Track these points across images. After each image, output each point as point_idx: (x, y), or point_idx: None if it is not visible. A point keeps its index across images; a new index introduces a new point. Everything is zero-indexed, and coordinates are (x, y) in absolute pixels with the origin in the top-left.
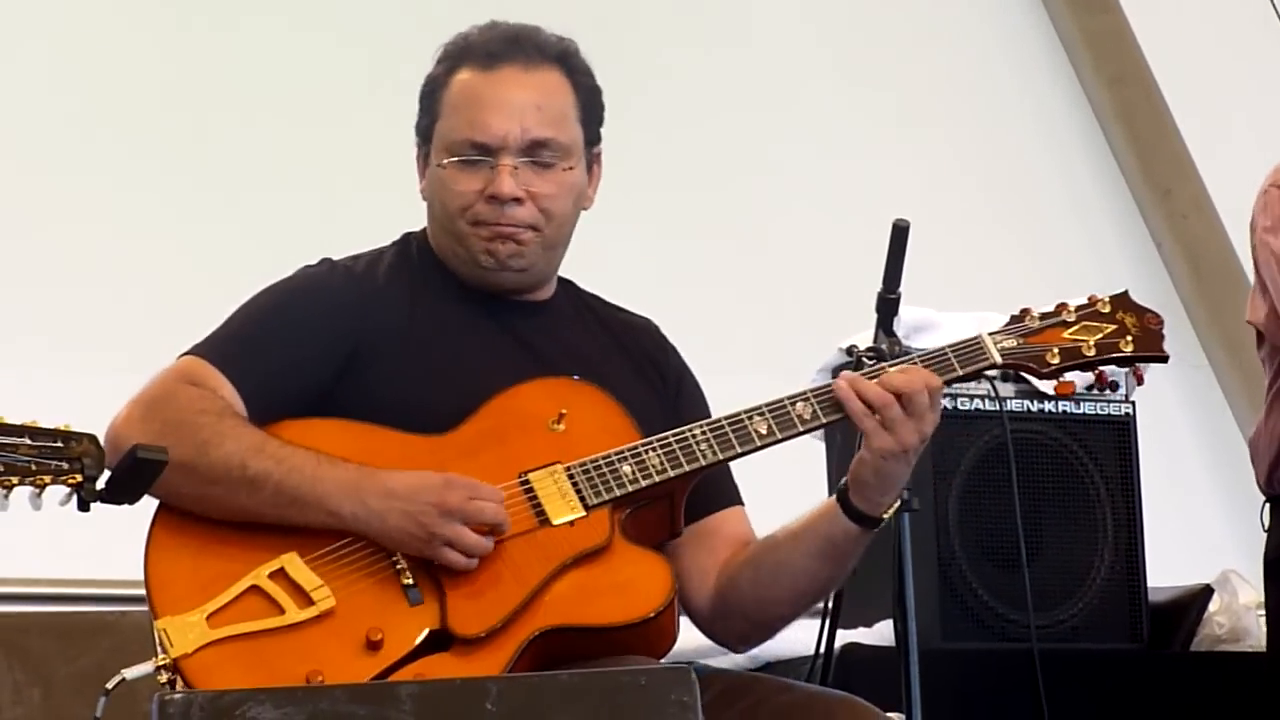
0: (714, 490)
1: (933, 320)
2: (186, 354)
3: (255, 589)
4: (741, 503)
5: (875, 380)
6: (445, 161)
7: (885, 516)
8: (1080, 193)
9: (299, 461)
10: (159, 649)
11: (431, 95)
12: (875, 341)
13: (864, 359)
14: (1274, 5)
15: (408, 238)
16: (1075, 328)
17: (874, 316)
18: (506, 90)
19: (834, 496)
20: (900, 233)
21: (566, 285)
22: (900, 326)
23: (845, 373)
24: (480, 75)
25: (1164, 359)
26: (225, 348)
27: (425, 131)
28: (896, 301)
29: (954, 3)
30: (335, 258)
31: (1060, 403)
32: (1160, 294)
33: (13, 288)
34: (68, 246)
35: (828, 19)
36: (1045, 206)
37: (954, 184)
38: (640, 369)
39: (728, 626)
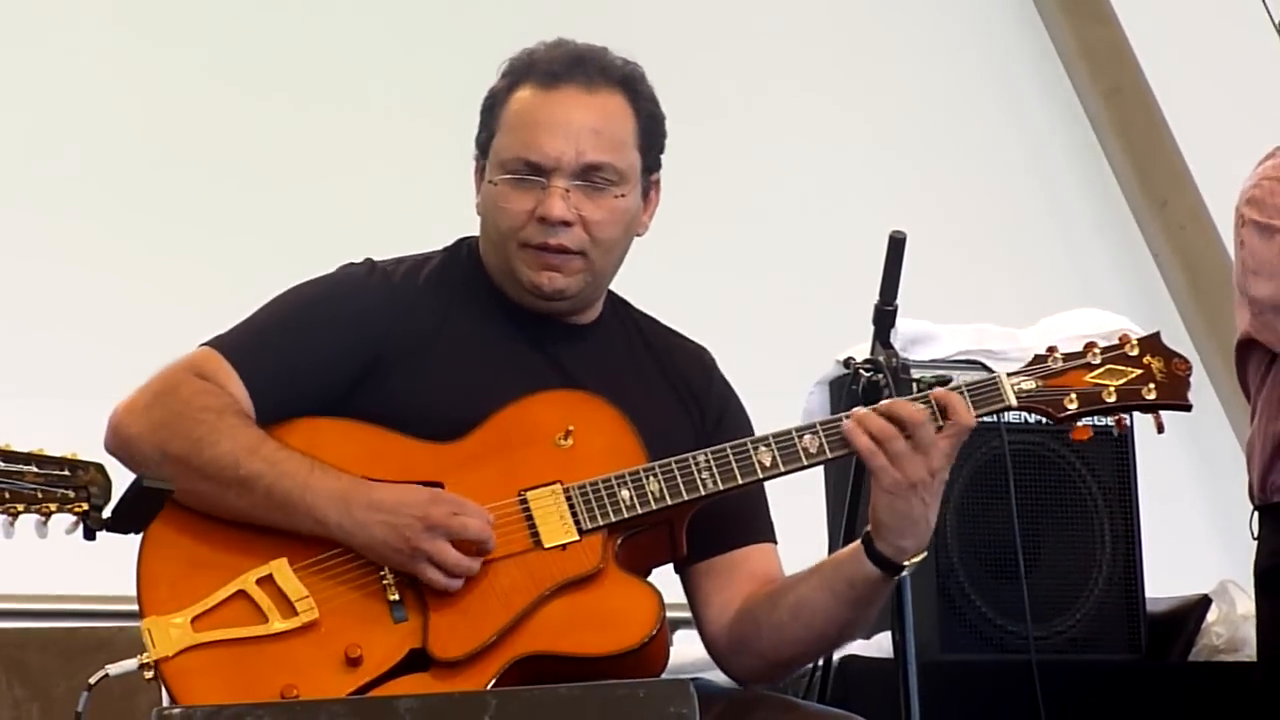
0: (745, 524)
1: (930, 332)
2: (204, 345)
3: (242, 594)
4: (774, 540)
5: (879, 411)
6: (498, 178)
7: (907, 565)
8: (1077, 204)
9: (291, 467)
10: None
11: (491, 110)
12: (872, 354)
13: (861, 370)
14: (1270, 16)
15: (460, 244)
16: (1099, 371)
17: (871, 329)
18: (565, 111)
19: (859, 539)
20: (897, 244)
21: (618, 305)
22: (897, 338)
23: (857, 409)
24: (540, 94)
25: (1187, 408)
26: (242, 343)
27: (483, 146)
28: (894, 313)
29: (951, 15)
30: (378, 259)
31: None
32: (1157, 305)
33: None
34: (66, 264)
35: (822, 32)
36: (1042, 218)
37: (950, 195)
38: (679, 397)
39: (743, 663)
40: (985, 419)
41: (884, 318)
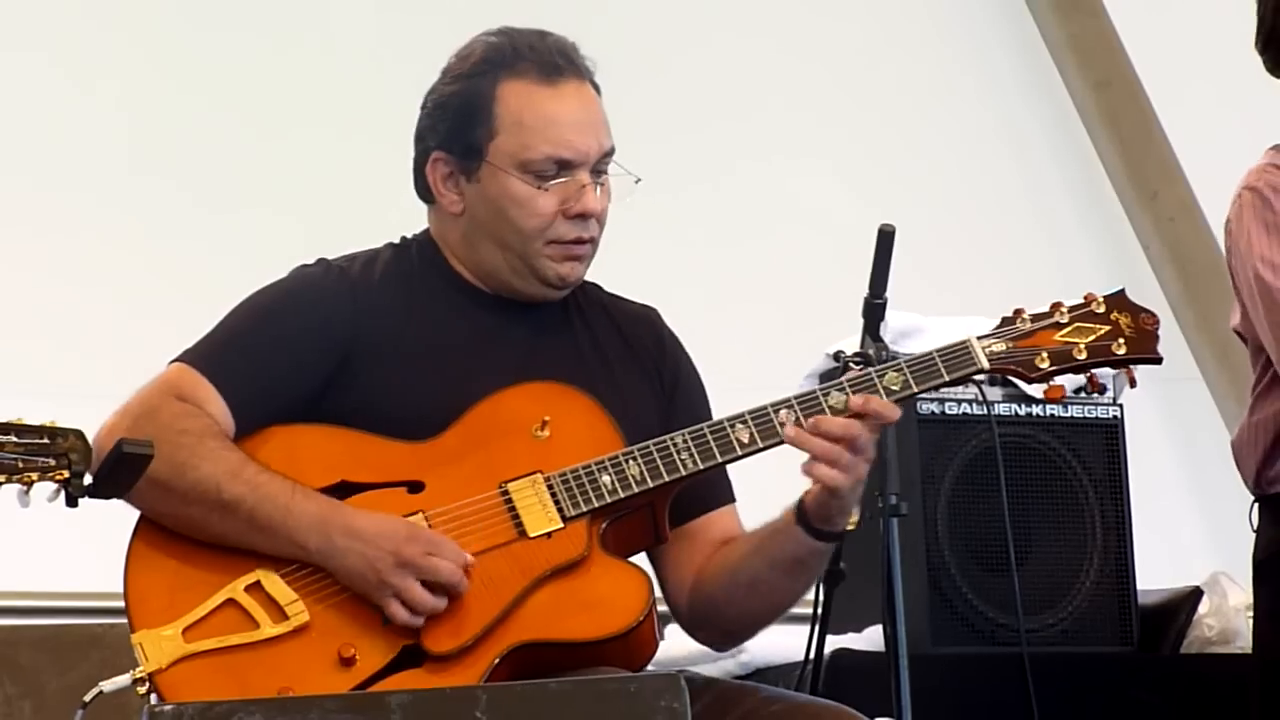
0: (706, 490)
1: (919, 325)
2: (176, 360)
3: (231, 602)
4: (732, 500)
5: (813, 425)
6: (525, 179)
7: (849, 529)
8: (1067, 196)
9: (273, 490)
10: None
11: (475, 107)
12: (862, 347)
13: (851, 364)
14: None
15: (405, 240)
16: (1068, 329)
17: (861, 322)
18: (579, 105)
19: (794, 519)
20: (886, 238)
21: None
22: (887, 331)
23: (789, 430)
24: (544, 89)
25: (1157, 361)
26: (216, 356)
27: (469, 143)
28: (883, 306)
29: (939, 8)
30: (330, 258)
31: (1048, 406)
32: (1147, 297)
33: None
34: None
35: (811, 26)
36: (1032, 210)
37: (939, 188)
38: (640, 361)
39: (707, 632)
40: (976, 412)
41: (873, 311)
